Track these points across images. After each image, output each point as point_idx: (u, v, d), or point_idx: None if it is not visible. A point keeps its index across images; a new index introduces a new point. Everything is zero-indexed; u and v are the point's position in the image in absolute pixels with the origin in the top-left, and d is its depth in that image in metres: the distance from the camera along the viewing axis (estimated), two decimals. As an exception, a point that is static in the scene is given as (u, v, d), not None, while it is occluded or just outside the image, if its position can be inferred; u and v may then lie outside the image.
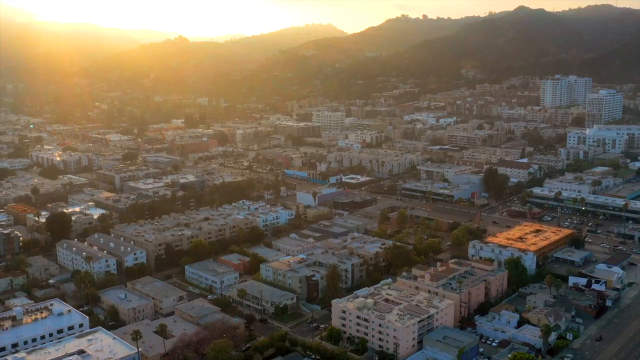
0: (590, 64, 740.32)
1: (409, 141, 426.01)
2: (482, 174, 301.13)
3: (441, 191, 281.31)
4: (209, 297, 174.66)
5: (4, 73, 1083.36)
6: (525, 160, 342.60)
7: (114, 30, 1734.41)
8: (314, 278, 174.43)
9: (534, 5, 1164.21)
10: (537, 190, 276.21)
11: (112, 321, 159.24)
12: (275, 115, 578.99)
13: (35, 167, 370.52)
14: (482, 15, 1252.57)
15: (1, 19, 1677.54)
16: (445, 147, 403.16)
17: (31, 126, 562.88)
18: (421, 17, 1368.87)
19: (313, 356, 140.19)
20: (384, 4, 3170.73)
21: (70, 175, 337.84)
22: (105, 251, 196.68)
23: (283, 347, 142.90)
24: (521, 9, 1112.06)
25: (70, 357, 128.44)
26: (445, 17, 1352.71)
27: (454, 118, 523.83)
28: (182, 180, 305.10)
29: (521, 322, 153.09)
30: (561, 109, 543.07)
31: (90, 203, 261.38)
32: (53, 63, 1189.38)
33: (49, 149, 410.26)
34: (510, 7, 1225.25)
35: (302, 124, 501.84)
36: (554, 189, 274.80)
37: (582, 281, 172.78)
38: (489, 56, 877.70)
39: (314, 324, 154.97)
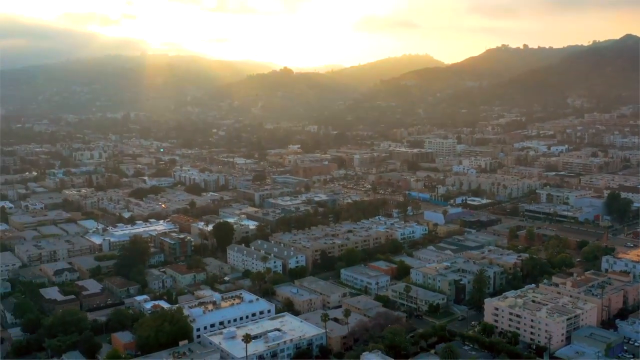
0: None
1: (523, 167, 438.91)
2: (604, 198, 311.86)
3: (565, 213, 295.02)
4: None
5: (125, 102, 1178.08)
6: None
7: (219, 61, 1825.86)
8: (461, 282, 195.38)
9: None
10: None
11: (289, 311, 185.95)
12: (386, 142, 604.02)
13: (178, 185, 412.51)
14: (586, 44, 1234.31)
15: (117, 53, 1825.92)
16: (561, 173, 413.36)
17: (161, 150, 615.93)
18: (522, 47, 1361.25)
19: (471, 345, 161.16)
20: (482, 32, 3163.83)
21: (212, 193, 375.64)
22: (271, 254, 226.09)
23: (444, 336, 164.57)
24: (628, 37, 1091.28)
25: (272, 333, 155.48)
26: (547, 47, 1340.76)
27: (566, 146, 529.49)
28: (316, 199, 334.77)
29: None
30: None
31: (243, 215, 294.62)
32: (168, 92, 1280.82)
33: (188, 170, 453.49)
34: (616, 35, 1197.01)
35: (415, 150, 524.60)
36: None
37: None
38: (596, 85, 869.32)
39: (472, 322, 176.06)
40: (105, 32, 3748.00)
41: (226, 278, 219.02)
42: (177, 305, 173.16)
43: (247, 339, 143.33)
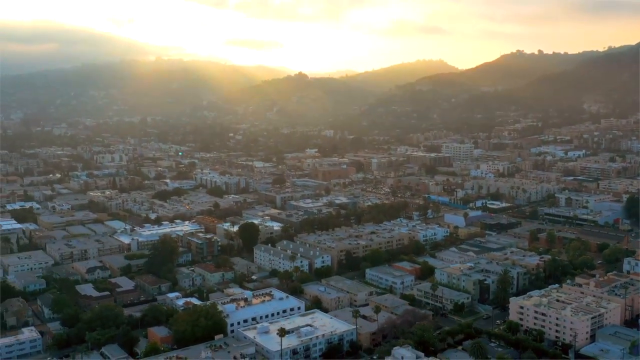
0: None
1: (541, 172, 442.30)
2: (623, 202, 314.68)
3: (585, 216, 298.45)
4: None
5: (141, 106, 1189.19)
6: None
7: (232, 66, 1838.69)
8: (485, 282, 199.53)
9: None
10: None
11: (317, 308, 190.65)
12: (402, 147, 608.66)
13: (200, 187, 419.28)
14: (601, 49, 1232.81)
15: (133, 57, 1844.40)
16: (579, 177, 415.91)
17: (180, 153, 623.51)
18: (536, 52, 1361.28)
19: (497, 342, 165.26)
20: (495, 38, 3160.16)
21: (233, 195, 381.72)
22: (298, 254, 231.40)
23: (471, 333, 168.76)
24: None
25: (304, 328, 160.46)
26: (562, 52, 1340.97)
27: (583, 151, 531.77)
28: (337, 201, 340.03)
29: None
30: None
31: (267, 217, 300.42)
32: (183, 97, 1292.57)
33: (209, 173, 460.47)
34: (631, 41, 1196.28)
35: (432, 155, 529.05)
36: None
37: None
38: (613, 91, 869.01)
39: (497, 320, 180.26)
40: (144, 38, 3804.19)
41: (254, 277, 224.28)
42: (211, 301, 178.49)
43: (282, 332, 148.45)
